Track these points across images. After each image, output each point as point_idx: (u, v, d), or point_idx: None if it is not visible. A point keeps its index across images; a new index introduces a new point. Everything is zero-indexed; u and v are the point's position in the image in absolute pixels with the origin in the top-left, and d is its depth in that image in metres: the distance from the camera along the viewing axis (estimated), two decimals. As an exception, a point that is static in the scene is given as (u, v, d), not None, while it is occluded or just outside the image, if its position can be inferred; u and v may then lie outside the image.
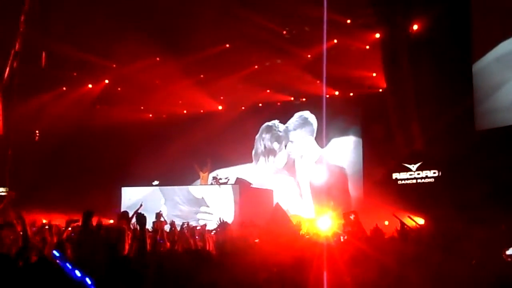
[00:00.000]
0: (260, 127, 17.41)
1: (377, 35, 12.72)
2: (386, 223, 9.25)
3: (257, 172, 17.13)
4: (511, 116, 10.48)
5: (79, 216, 5.80)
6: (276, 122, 17.27)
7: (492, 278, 3.10)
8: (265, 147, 17.36)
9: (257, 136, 17.49)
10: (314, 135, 16.51)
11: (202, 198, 14.15)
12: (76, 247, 4.77)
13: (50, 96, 15.24)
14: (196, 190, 14.64)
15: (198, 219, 13.21)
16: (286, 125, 17.10)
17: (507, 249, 3.97)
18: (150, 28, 12.93)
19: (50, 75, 14.35)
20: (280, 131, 17.20)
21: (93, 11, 12.18)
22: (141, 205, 10.30)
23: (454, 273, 3.19)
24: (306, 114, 16.81)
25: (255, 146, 17.50)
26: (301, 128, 16.85)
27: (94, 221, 6.25)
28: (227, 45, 14.13)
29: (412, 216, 8.49)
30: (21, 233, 4.22)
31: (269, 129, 17.41)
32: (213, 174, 16.12)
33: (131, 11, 12.38)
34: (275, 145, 17.19)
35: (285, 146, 16.96)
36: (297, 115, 16.94)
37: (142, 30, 12.91)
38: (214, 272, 3.90)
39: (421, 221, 10.40)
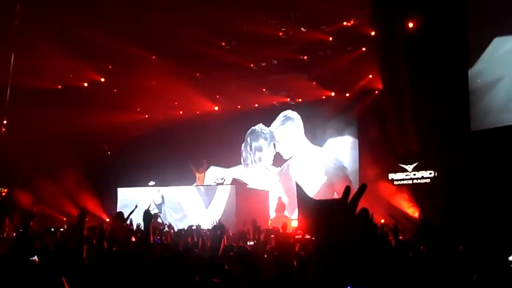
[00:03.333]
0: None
1: (373, 33, 12.75)
2: (382, 221, 9.27)
3: (251, 174, 17.12)
4: (506, 116, 10.52)
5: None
6: (260, 125, 17.33)
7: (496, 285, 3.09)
8: (251, 148, 17.40)
9: (243, 144, 17.52)
10: (302, 133, 16.52)
11: (198, 198, 14.14)
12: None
13: (45, 94, 15.18)
14: (192, 190, 14.63)
15: (194, 219, 13.19)
16: (271, 125, 17.15)
17: (510, 255, 3.95)
18: (147, 28, 12.95)
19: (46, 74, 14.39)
20: (264, 131, 17.25)
21: (89, 11, 12.22)
22: (136, 206, 10.32)
23: (453, 277, 3.19)
24: (290, 113, 16.86)
25: (243, 154, 17.52)
26: (285, 127, 16.90)
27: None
28: (223, 44, 14.12)
29: (408, 217, 8.51)
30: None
31: (253, 131, 17.46)
32: (210, 177, 16.14)
33: (127, 12, 12.38)
34: (262, 142, 17.24)
35: (274, 145, 16.98)
36: (281, 115, 17.00)
37: (139, 30, 12.95)
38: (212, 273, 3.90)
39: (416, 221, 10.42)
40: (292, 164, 16.61)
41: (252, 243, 7.38)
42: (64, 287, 2.74)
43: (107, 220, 12.69)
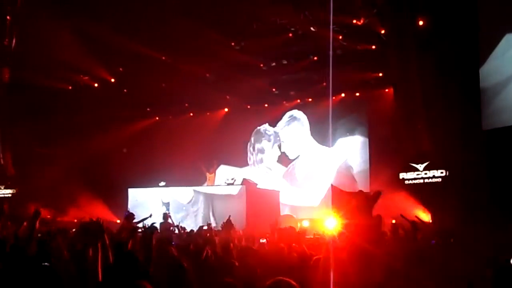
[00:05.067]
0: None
1: (383, 32, 12.69)
2: (394, 221, 9.22)
3: (256, 174, 17.07)
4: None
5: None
6: (265, 125, 17.30)
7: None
8: (254, 149, 17.38)
9: (248, 144, 17.50)
10: (308, 133, 16.46)
11: (209, 198, 14.15)
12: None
13: (56, 93, 15.30)
14: (202, 190, 14.65)
15: (204, 220, 13.20)
16: (276, 126, 17.12)
17: None
18: (157, 30, 13.02)
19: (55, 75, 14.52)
20: (268, 132, 17.22)
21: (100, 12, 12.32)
22: (150, 215, 10.47)
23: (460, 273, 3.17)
24: (295, 113, 16.81)
25: (248, 155, 17.50)
26: (291, 127, 16.85)
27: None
28: (233, 44, 14.12)
29: (419, 217, 8.45)
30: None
31: (258, 132, 17.44)
32: (221, 177, 16.14)
33: (137, 13, 12.46)
34: (264, 143, 17.21)
35: (279, 146, 16.93)
36: (286, 115, 16.95)
37: (148, 31, 13.01)
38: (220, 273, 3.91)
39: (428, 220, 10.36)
40: (299, 164, 16.56)
41: (264, 240, 7.37)
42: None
43: (118, 221, 12.74)
